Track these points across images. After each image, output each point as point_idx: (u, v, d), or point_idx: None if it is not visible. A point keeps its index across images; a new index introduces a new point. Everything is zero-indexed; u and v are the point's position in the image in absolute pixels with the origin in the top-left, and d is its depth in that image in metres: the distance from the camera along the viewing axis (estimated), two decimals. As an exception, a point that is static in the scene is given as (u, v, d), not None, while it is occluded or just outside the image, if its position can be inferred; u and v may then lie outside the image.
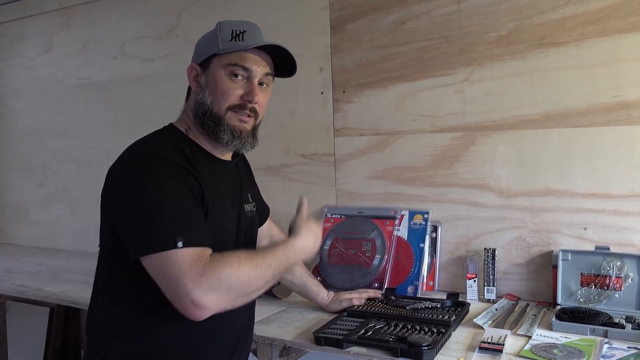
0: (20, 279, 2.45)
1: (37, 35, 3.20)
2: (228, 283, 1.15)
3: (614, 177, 1.77)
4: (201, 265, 1.14)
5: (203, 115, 1.32)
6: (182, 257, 1.13)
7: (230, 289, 1.15)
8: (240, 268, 1.17)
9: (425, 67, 2.04)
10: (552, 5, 1.82)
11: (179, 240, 1.14)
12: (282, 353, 1.64)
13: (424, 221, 2.04)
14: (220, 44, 1.31)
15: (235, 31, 1.32)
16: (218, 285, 1.14)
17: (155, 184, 1.19)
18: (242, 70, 1.31)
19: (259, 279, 1.20)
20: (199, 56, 1.35)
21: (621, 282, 1.68)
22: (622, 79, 1.74)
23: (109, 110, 2.95)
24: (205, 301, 1.12)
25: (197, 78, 1.34)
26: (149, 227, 1.16)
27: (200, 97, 1.33)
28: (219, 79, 1.31)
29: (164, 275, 1.15)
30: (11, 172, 3.40)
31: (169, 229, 1.15)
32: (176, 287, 1.13)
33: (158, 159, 1.23)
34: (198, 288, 1.12)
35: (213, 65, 1.32)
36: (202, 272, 1.13)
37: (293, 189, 2.37)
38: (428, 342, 1.39)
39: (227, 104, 1.31)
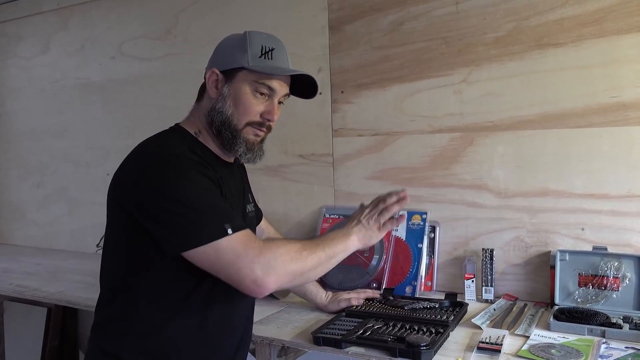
0: (18, 279, 2.45)
1: (35, 36, 3.20)
2: (284, 260, 1.21)
3: (611, 177, 1.77)
4: (255, 246, 1.20)
5: (221, 125, 1.33)
6: (236, 242, 1.19)
7: (288, 267, 1.22)
8: (291, 247, 1.25)
9: (424, 67, 2.05)
10: (550, 6, 1.82)
11: (227, 227, 1.19)
12: (280, 353, 1.64)
13: (422, 221, 2.04)
14: (250, 60, 1.31)
15: (265, 48, 1.33)
16: (275, 263, 1.20)
17: (185, 179, 1.21)
18: (268, 90, 1.33)
19: (312, 257, 1.27)
20: (223, 63, 1.34)
21: (619, 282, 1.69)
22: (620, 80, 1.74)
23: (107, 111, 2.94)
24: (266, 279, 1.18)
25: (217, 84, 1.34)
26: (195, 220, 1.18)
27: (220, 106, 1.33)
28: (243, 93, 1.32)
29: (220, 264, 1.19)
30: (9, 172, 3.39)
31: (216, 219, 1.19)
32: (237, 270, 1.18)
33: (177, 156, 1.24)
34: (258, 267, 1.18)
35: (239, 78, 1.32)
36: (259, 252, 1.19)
37: (291, 190, 2.37)
38: (426, 342, 1.39)
39: (248, 120, 1.33)
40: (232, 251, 1.18)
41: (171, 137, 1.34)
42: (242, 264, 1.17)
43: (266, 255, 1.19)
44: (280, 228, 2.36)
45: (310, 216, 2.32)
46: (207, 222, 1.18)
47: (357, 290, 1.88)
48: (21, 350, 3.01)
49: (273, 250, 1.21)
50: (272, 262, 1.19)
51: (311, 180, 2.32)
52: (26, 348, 3.01)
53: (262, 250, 1.20)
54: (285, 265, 1.22)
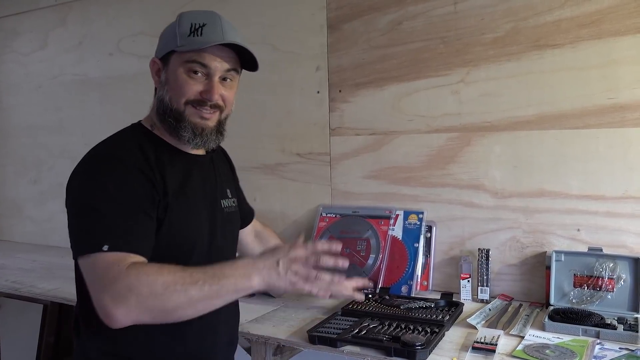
0: (14, 275, 2.44)
1: (33, 31, 3.19)
2: (138, 293, 1.06)
3: (607, 178, 1.78)
4: (117, 270, 1.08)
5: (164, 113, 1.30)
6: (102, 262, 1.10)
7: (141, 299, 1.07)
8: (157, 278, 1.08)
9: (422, 67, 2.05)
10: (548, 7, 1.82)
11: (105, 243, 1.11)
12: (275, 352, 1.64)
13: (419, 221, 2.05)
14: (179, 40, 1.26)
15: (195, 25, 1.27)
16: (127, 295, 1.06)
17: (97, 186, 1.18)
18: (201, 67, 1.27)
19: (179, 294, 1.08)
20: (159, 50, 1.32)
21: (613, 283, 1.69)
22: (617, 81, 1.75)
23: (104, 107, 2.94)
24: (113, 311, 1.06)
25: (159, 73, 1.32)
26: (82, 229, 1.16)
27: (161, 93, 1.30)
28: (177, 75, 1.27)
29: (87, 280, 1.13)
30: (5, 168, 3.38)
31: (98, 232, 1.13)
32: (93, 292, 1.11)
33: (109, 160, 1.22)
34: (108, 295, 1.07)
35: (172, 62, 1.28)
36: (115, 278, 1.07)
37: (288, 188, 2.37)
38: (421, 342, 1.39)
39: (185, 99, 1.28)
40: (96, 271, 1.10)
41: (121, 136, 1.32)
42: (96, 287, 1.09)
43: (119, 284, 1.06)
44: (277, 227, 2.37)
45: (307, 215, 2.32)
46: (90, 232, 1.13)
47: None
48: (17, 347, 3.01)
49: (132, 280, 1.06)
50: (123, 292, 1.06)
51: (308, 178, 2.32)
52: (22, 344, 3.01)
53: (118, 277, 1.07)
54: (140, 300, 1.06)
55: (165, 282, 1.08)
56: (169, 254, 1.24)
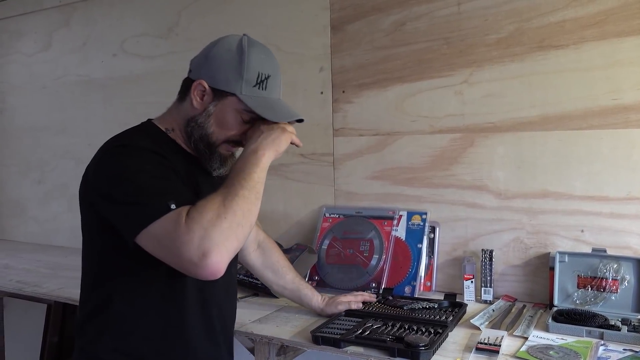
0: (18, 275, 2.45)
1: (37, 32, 3.20)
2: (213, 224, 1.08)
3: (611, 180, 1.78)
4: (183, 223, 1.08)
5: (199, 139, 1.30)
6: (172, 216, 1.09)
7: (220, 228, 1.08)
8: (214, 202, 1.11)
9: (425, 68, 2.05)
10: (552, 8, 1.82)
11: (171, 203, 1.10)
12: (279, 352, 1.64)
13: (422, 222, 2.05)
14: (244, 87, 1.27)
15: (261, 75, 1.28)
16: (207, 234, 1.06)
17: (132, 162, 1.18)
18: (255, 117, 1.29)
19: (240, 201, 1.13)
20: (214, 80, 1.28)
21: (617, 284, 1.69)
22: (621, 82, 1.74)
23: (108, 108, 2.95)
24: (207, 255, 1.06)
25: (203, 97, 1.29)
26: (137, 202, 1.12)
27: (202, 121, 1.29)
28: (229, 118, 1.29)
29: (167, 242, 1.09)
30: (9, 169, 3.40)
31: (158, 197, 1.12)
32: (177, 256, 1.08)
33: (133, 147, 1.22)
34: (192, 247, 1.06)
35: (228, 102, 1.28)
36: (187, 229, 1.07)
37: (291, 189, 2.37)
38: (425, 343, 1.39)
39: (226, 139, 1.31)
40: (168, 234, 1.08)
41: (135, 131, 1.33)
42: (177, 249, 1.07)
43: (195, 230, 1.06)
44: (280, 227, 2.37)
45: (310, 215, 2.32)
46: (150, 201, 1.11)
47: (353, 293, 1.82)
48: (21, 346, 3.01)
49: (199, 221, 1.07)
50: (203, 234, 1.06)
51: (311, 179, 2.33)
52: (26, 344, 3.01)
53: (189, 226, 1.06)
54: (220, 229, 1.08)
55: (221, 202, 1.11)
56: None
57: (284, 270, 1.72)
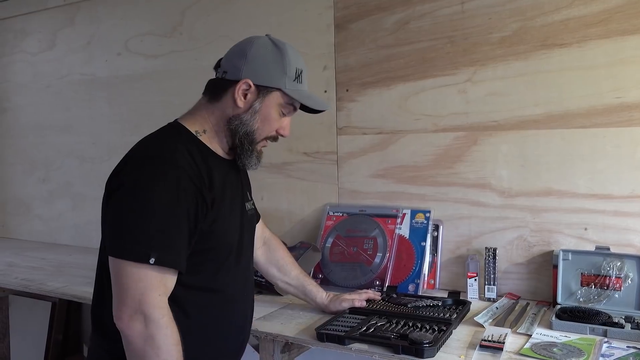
0: (23, 273, 2.47)
1: (41, 31, 3.21)
2: (152, 346, 1.16)
3: (615, 178, 1.78)
4: (158, 299, 1.17)
5: (244, 136, 1.34)
6: (146, 274, 1.16)
7: (148, 349, 1.16)
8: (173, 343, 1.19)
9: (429, 67, 2.05)
10: (555, 6, 1.83)
11: (153, 256, 1.16)
12: (284, 349, 1.65)
13: (426, 220, 2.05)
14: (287, 83, 1.33)
15: (298, 71, 1.35)
16: (147, 337, 1.16)
17: (149, 190, 1.19)
18: (293, 111, 1.39)
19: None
20: (259, 78, 1.32)
21: (621, 282, 1.69)
22: (624, 80, 1.75)
23: (112, 107, 2.96)
24: (130, 331, 1.16)
25: (246, 96, 1.33)
26: (129, 232, 1.18)
27: (248, 118, 1.33)
28: (272, 112, 1.35)
29: (120, 281, 1.17)
30: (14, 167, 3.41)
31: (146, 242, 1.17)
32: (123, 296, 1.17)
33: (163, 163, 1.23)
34: (139, 314, 1.16)
35: (273, 97, 1.34)
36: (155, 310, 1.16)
37: (296, 187, 2.38)
38: (429, 340, 1.40)
39: (267, 135, 1.37)
40: (138, 281, 1.16)
41: (168, 137, 1.32)
42: (128, 295, 1.16)
43: (153, 322, 1.16)
44: (284, 226, 2.38)
45: (314, 214, 2.33)
46: (138, 239, 1.17)
47: (357, 291, 1.83)
48: (26, 344, 3.03)
49: (161, 333, 1.16)
50: (150, 332, 1.16)
51: (315, 177, 2.33)
52: (31, 341, 3.03)
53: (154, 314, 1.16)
54: (153, 347, 1.16)
55: (167, 358, 1.18)
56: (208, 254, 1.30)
57: (288, 266, 1.74)
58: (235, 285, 1.39)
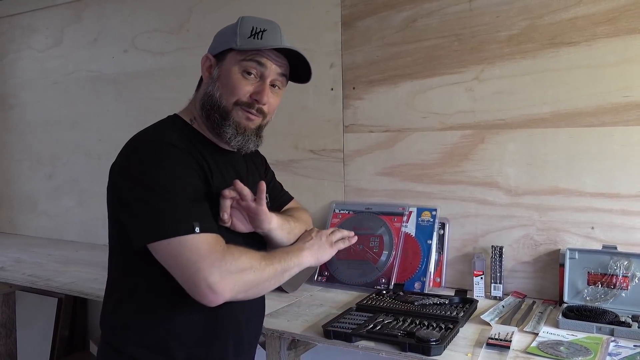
0: (30, 269, 2.48)
1: (49, 28, 3.22)
2: (245, 270, 1.18)
3: (622, 177, 1.78)
4: (220, 250, 1.16)
5: (210, 108, 1.31)
6: (201, 242, 1.15)
7: (246, 276, 1.18)
8: (253, 256, 1.21)
9: (436, 65, 2.05)
10: (564, 5, 1.82)
11: (196, 225, 1.15)
12: (290, 346, 1.66)
13: (432, 218, 2.05)
14: (239, 40, 1.29)
15: (256, 29, 1.30)
16: (236, 271, 1.16)
17: (164, 169, 1.19)
18: (257, 66, 1.29)
19: (269, 269, 1.24)
20: (215, 47, 1.35)
21: (628, 281, 1.69)
22: (633, 79, 1.74)
23: (119, 103, 2.97)
24: (222, 285, 1.14)
25: (210, 69, 1.33)
26: (163, 211, 1.15)
27: (210, 89, 1.32)
28: (232, 73, 1.29)
29: (180, 261, 1.14)
30: (21, 163, 3.42)
31: (186, 214, 1.16)
32: (195, 271, 1.13)
33: (163, 144, 1.23)
34: (217, 271, 1.13)
35: (228, 60, 1.31)
36: (222, 256, 1.15)
37: (301, 184, 2.38)
38: (436, 338, 1.40)
39: (235, 99, 1.30)
40: (195, 251, 1.14)
41: (162, 125, 1.33)
42: (202, 265, 1.13)
43: (228, 260, 1.16)
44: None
45: (320, 211, 2.33)
46: (177, 216, 1.15)
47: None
48: (32, 340, 3.05)
49: (236, 257, 1.18)
50: (232, 269, 1.16)
51: (321, 175, 2.33)
52: (37, 337, 3.04)
53: (224, 255, 1.16)
54: (244, 274, 1.18)
55: (258, 259, 1.22)
56: None
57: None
58: None
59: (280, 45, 1.30)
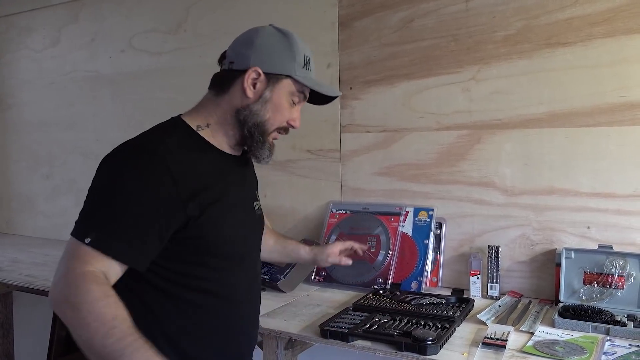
0: (28, 269, 2.48)
1: (46, 28, 3.21)
2: (77, 307, 1.08)
3: (618, 177, 1.78)
4: (85, 270, 1.10)
5: (254, 127, 1.30)
6: (80, 251, 1.12)
7: (73, 310, 1.09)
8: (105, 314, 1.08)
9: (433, 65, 2.06)
10: (559, 5, 1.83)
11: (90, 236, 1.11)
12: (287, 345, 1.66)
13: (429, 218, 2.06)
14: (297, 70, 1.30)
15: (306, 58, 1.33)
16: (70, 299, 1.09)
17: (119, 176, 1.18)
18: (303, 99, 1.36)
19: (89, 329, 1.07)
20: (268, 65, 1.29)
21: (623, 280, 1.70)
22: (628, 79, 1.75)
23: (116, 104, 2.97)
24: (53, 296, 1.12)
25: (255, 85, 1.29)
26: (82, 212, 1.18)
27: (258, 108, 1.29)
28: (284, 101, 1.32)
29: (61, 257, 1.15)
30: (18, 164, 3.42)
31: (89, 222, 1.15)
32: (57, 269, 1.14)
33: (142, 152, 1.20)
34: (61, 283, 1.11)
35: (283, 85, 1.30)
36: (79, 277, 1.09)
37: (299, 184, 2.39)
38: (432, 337, 1.41)
39: (278, 125, 1.34)
40: (68, 254, 1.13)
41: (162, 131, 1.29)
42: (59, 268, 1.13)
43: (76, 287, 1.08)
44: (287, 223, 2.39)
45: (317, 211, 2.34)
46: (84, 219, 1.16)
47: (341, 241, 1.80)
48: (29, 340, 3.04)
49: (83, 293, 1.07)
50: (70, 295, 1.08)
51: (319, 175, 2.34)
52: (34, 337, 3.04)
53: (82, 279, 1.08)
54: (73, 309, 1.08)
55: (109, 320, 1.08)
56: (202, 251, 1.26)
57: (266, 236, 1.66)
58: (239, 287, 1.35)
59: (335, 93, 1.41)
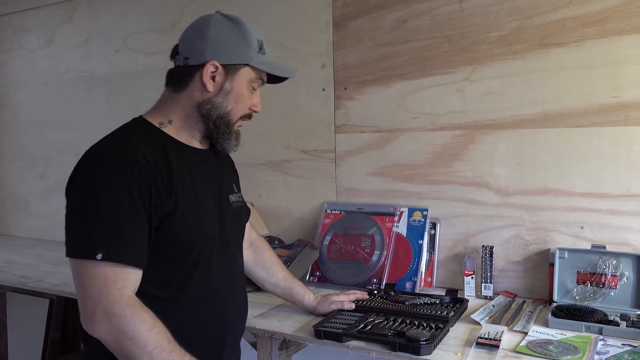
0: (21, 270, 2.47)
1: (40, 28, 3.21)
2: (125, 339, 1.11)
3: (611, 177, 1.79)
4: (117, 294, 1.12)
5: (218, 119, 1.31)
6: (98, 271, 1.12)
7: (124, 343, 1.11)
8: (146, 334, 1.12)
9: (427, 65, 2.06)
10: (553, 6, 1.83)
11: (100, 251, 1.11)
12: (281, 346, 1.66)
13: (423, 218, 2.06)
14: (254, 56, 1.31)
15: (259, 42, 1.33)
16: (117, 333, 1.11)
17: (97, 184, 1.16)
18: (262, 84, 1.38)
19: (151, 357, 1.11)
20: (225, 57, 1.30)
21: (616, 280, 1.70)
22: (621, 80, 1.76)
23: (110, 104, 2.96)
24: (99, 332, 1.12)
25: (215, 78, 1.30)
26: (76, 230, 1.16)
27: (219, 101, 1.31)
28: (244, 89, 1.34)
29: (78, 282, 1.15)
30: (12, 164, 3.41)
31: (93, 238, 1.13)
32: (83, 297, 1.14)
33: (112, 156, 1.19)
34: (101, 310, 1.11)
35: (242, 74, 1.32)
36: (114, 302, 1.11)
37: (293, 185, 2.39)
38: (426, 337, 1.41)
39: (242, 114, 1.35)
40: (90, 278, 1.12)
41: (124, 130, 1.30)
42: (88, 295, 1.12)
43: (118, 314, 1.11)
44: (282, 223, 2.39)
45: (312, 211, 2.34)
46: (84, 236, 1.14)
47: (345, 292, 1.78)
48: (23, 341, 3.03)
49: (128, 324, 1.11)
50: (114, 328, 1.11)
51: (313, 175, 2.34)
52: (28, 339, 3.03)
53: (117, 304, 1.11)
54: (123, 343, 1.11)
55: (146, 343, 1.11)
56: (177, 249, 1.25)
57: (275, 268, 1.70)
58: (218, 281, 1.34)
59: (292, 74, 1.40)
